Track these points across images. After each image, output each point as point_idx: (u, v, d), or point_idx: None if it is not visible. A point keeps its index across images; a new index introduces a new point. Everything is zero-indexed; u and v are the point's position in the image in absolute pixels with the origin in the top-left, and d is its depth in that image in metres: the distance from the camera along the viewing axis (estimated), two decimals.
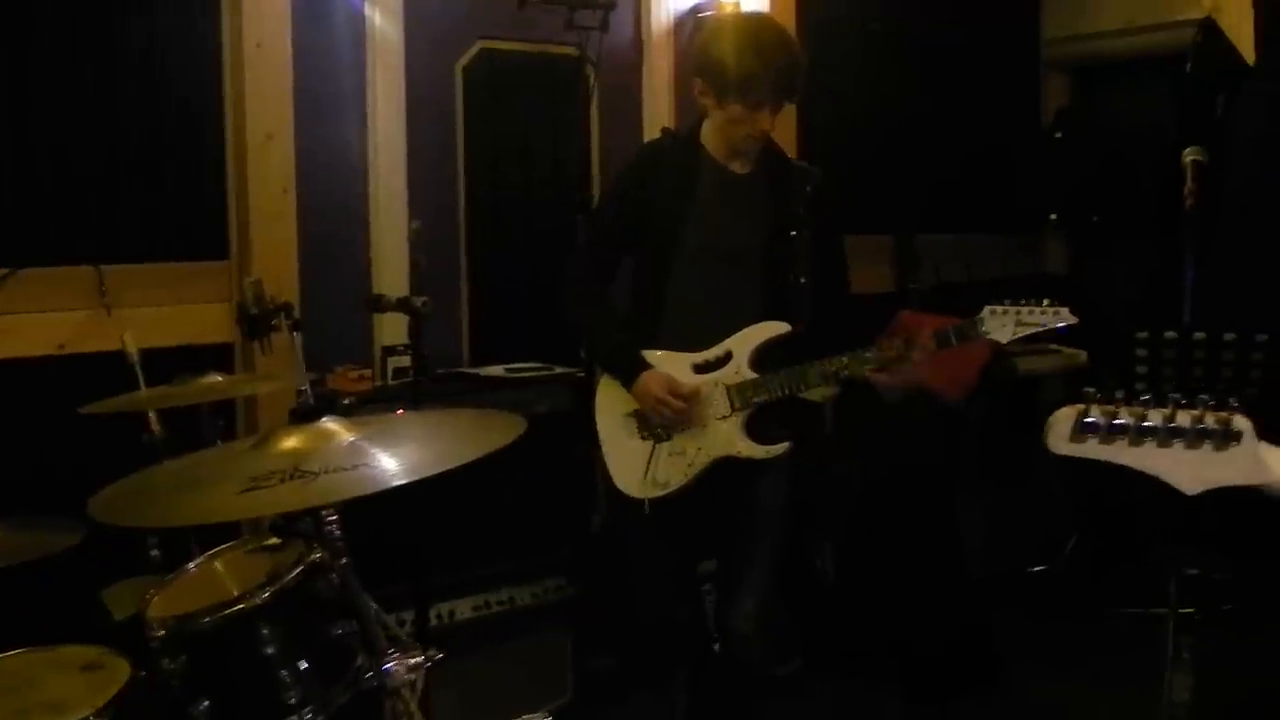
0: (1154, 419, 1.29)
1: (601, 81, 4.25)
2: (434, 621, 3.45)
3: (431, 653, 2.08)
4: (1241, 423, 1.28)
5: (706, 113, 3.05)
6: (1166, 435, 1.28)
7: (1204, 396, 1.29)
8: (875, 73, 5.41)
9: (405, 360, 3.71)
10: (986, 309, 2.83)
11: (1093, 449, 1.30)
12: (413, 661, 2.02)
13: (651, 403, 2.97)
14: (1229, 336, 2.42)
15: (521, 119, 4.43)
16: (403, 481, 1.88)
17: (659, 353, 3.04)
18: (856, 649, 4.22)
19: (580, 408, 3.79)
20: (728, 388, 2.98)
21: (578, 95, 4.23)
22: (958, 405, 4.57)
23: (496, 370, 3.98)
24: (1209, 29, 4.41)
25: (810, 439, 3.19)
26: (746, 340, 2.99)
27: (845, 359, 2.90)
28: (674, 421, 2.99)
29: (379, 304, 3.34)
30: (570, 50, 4.11)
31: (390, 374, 3.81)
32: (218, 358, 3.52)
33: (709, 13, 4.71)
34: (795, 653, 4.22)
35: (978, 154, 5.76)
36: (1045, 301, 2.87)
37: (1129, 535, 4.88)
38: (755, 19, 3.18)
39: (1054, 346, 5.17)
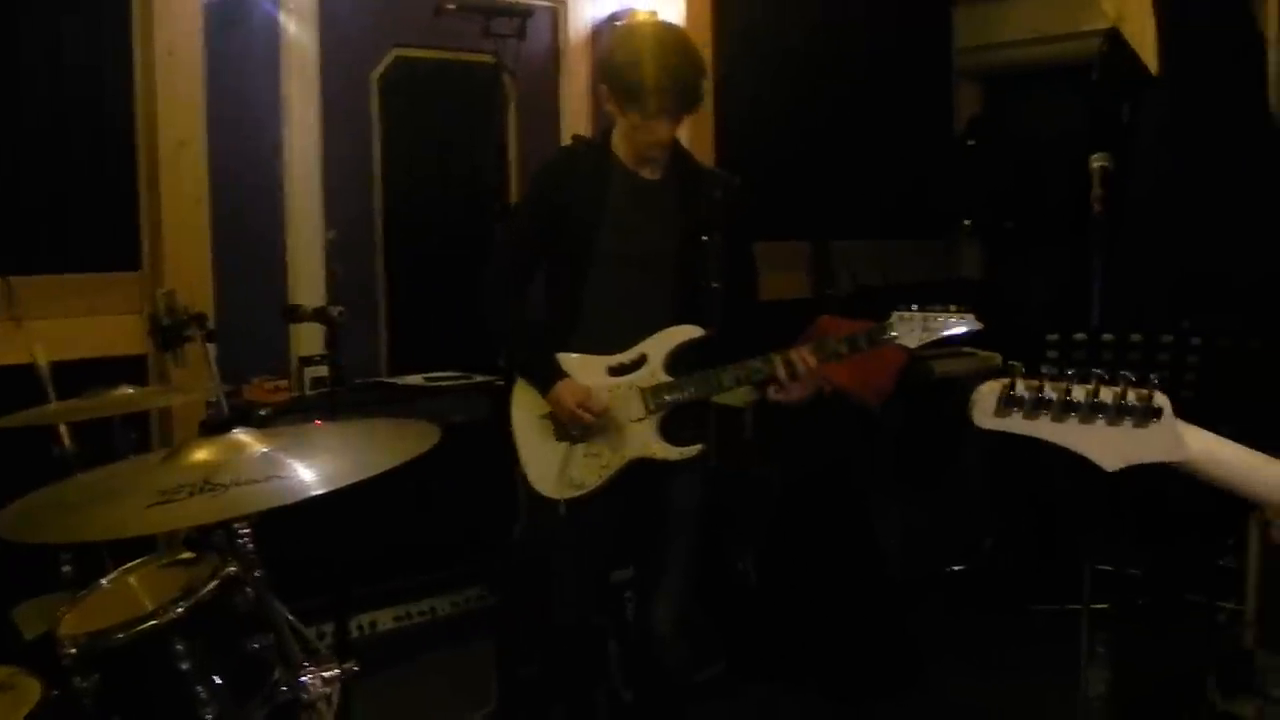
0: (1078, 394, 1.29)
1: (519, 89, 4.25)
2: (355, 633, 3.42)
3: (348, 665, 2.06)
4: (1161, 399, 1.30)
5: (614, 122, 3.08)
6: (1089, 411, 1.29)
7: (1125, 373, 1.30)
8: (791, 80, 5.46)
9: (323, 370, 3.67)
10: (895, 314, 2.87)
11: (1016, 423, 1.30)
12: (328, 675, 2.00)
13: (566, 414, 2.99)
14: (1135, 337, 2.48)
15: (438, 127, 4.42)
16: (314, 493, 1.86)
17: (574, 356, 3.05)
18: (779, 652, 4.25)
19: (500, 416, 3.79)
20: (642, 390, 3.00)
21: (495, 103, 4.21)
22: (875, 409, 4.63)
23: (415, 379, 3.96)
24: (1114, 39, 4.50)
25: (726, 442, 3.22)
26: (660, 344, 3.02)
27: (759, 362, 2.93)
28: (590, 428, 3.01)
29: (295, 314, 3.30)
30: (487, 58, 4.09)
31: (308, 384, 3.77)
32: (130, 370, 3.46)
33: (624, 21, 4.72)
34: (717, 657, 4.23)
35: (893, 161, 5.84)
36: (951, 306, 2.91)
37: (1045, 533, 4.96)
38: (659, 28, 3.18)
39: (968, 350, 5.24)
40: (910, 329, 2.86)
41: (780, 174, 5.17)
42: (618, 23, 4.69)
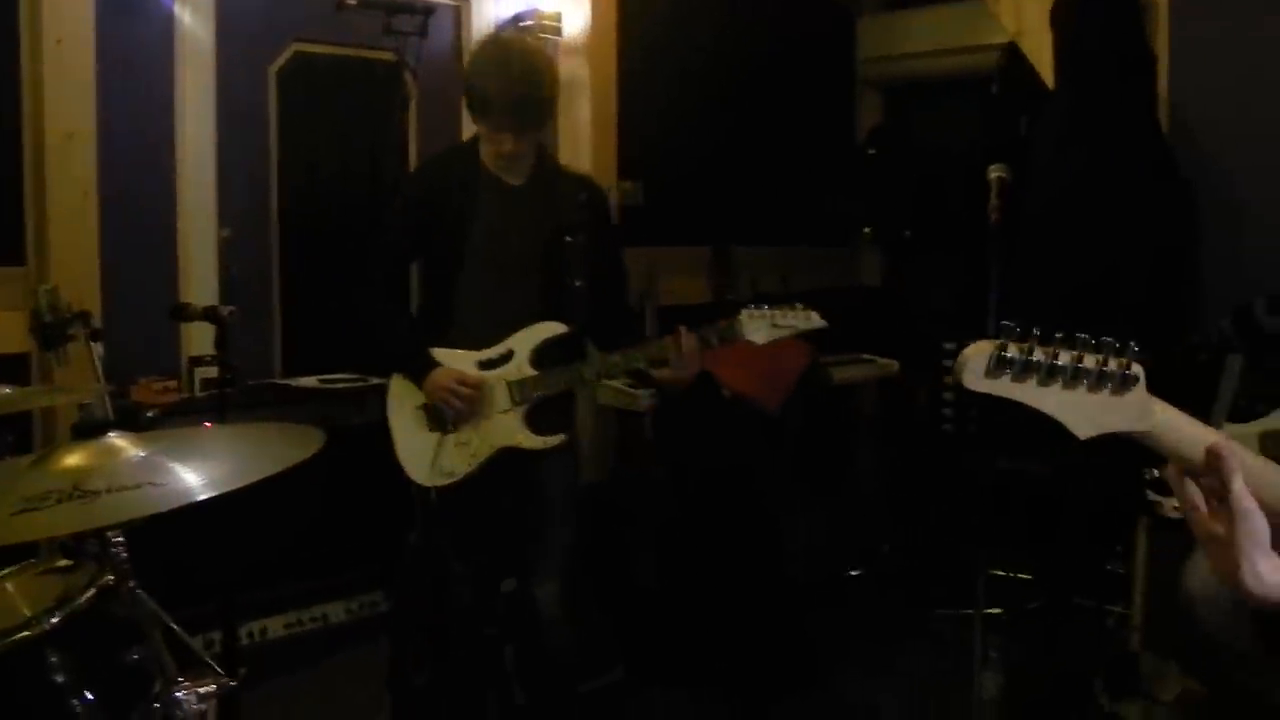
0: (1064, 359, 1.28)
1: (420, 88, 4.20)
2: (244, 641, 3.37)
3: (223, 680, 2.00)
4: (1138, 368, 1.30)
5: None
6: (1073, 376, 1.29)
7: (1109, 339, 1.30)
8: (695, 87, 5.48)
9: (214, 371, 3.59)
10: (744, 312, 3.00)
11: (1004, 386, 1.29)
12: (203, 690, 1.94)
13: (442, 394, 3.11)
14: None
15: (338, 124, 4.35)
16: (194, 500, 1.80)
17: (445, 351, 3.19)
18: (678, 655, 4.25)
19: None
20: (508, 383, 3.15)
21: (396, 101, 4.17)
22: (775, 413, 4.65)
23: (310, 381, 3.89)
24: (1012, 53, 4.57)
25: (626, 444, 3.29)
26: (526, 339, 3.17)
27: (617, 357, 3.10)
28: (462, 412, 3.13)
29: (183, 313, 3.24)
30: (388, 55, 4.04)
31: (198, 386, 3.69)
32: (13, 369, 3.36)
33: (529, 22, 4.70)
34: (616, 661, 4.22)
35: (795, 168, 5.88)
36: (797, 305, 3.06)
37: (940, 539, 5.03)
38: (510, 44, 3.22)
39: (867, 356, 5.31)
40: (758, 326, 3.00)
41: (682, 179, 5.19)
42: (523, 24, 4.67)
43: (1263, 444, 3.21)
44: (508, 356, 3.17)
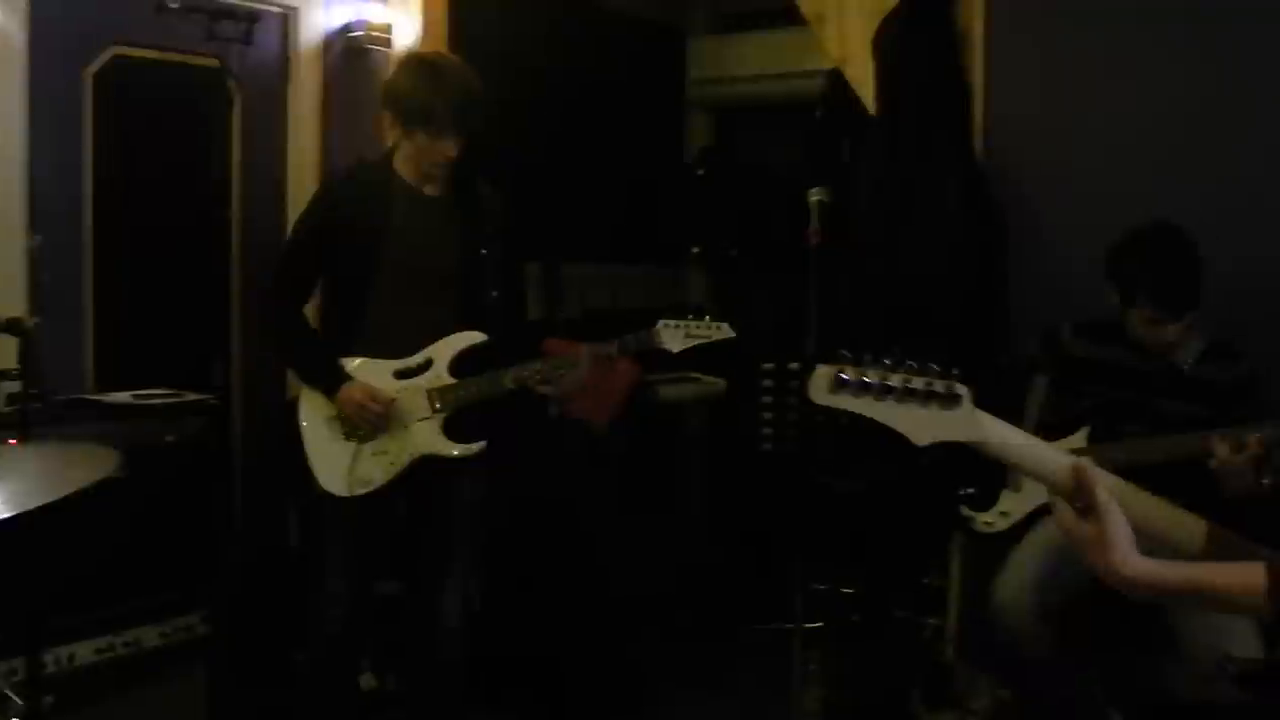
0: (894, 380, 1.50)
1: (245, 96, 4.10)
2: (50, 668, 3.21)
3: (25, 709, 1.91)
4: (961, 388, 1.53)
5: (397, 144, 3.28)
6: (904, 394, 1.50)
7: (933, 365, 1.52)
8: (525, 103, 5.46)
9: (17, 386, 3.43)
10: (661, 322, 3.14)
11: (846, 400, 1.51)
12: None
13: (354, 409, 3.17)
14: None
15: (158, 130, 4.21)
16: None
17: (358, 361, 3.23)
18: (503, 678, 4.22)
19: (215, 436, 3.65)
20: (428, 391, 3.21)
21: (219, 109, 4.08)
22: (602, 432, 4.66)
23: (123, 397, 3.74)
24: (836, 79, 4.69)
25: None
26: (446, 348, 3.23)
27: (539, 365, 3.17)
28: (377, 423, 3.18)
29: None
30: (212, 61, 3.95)
31: (3, 400, 3.51)
32: None
33: (359, 32, 4.65)
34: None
35: (624, 187, 5.93)
36: (707, 318, 3.22)
37: (763, 555, 5.10)
38: (435, 57, 3.43)
39: (694, 375, 5.37)
40: (674, 335, 3.16)
41: (512, 196, 5.16)
42: (352, 35, 4.62)
43: None
44: (426, 365, 3.23)
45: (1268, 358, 3.29)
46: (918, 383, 1.51)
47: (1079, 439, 3.35)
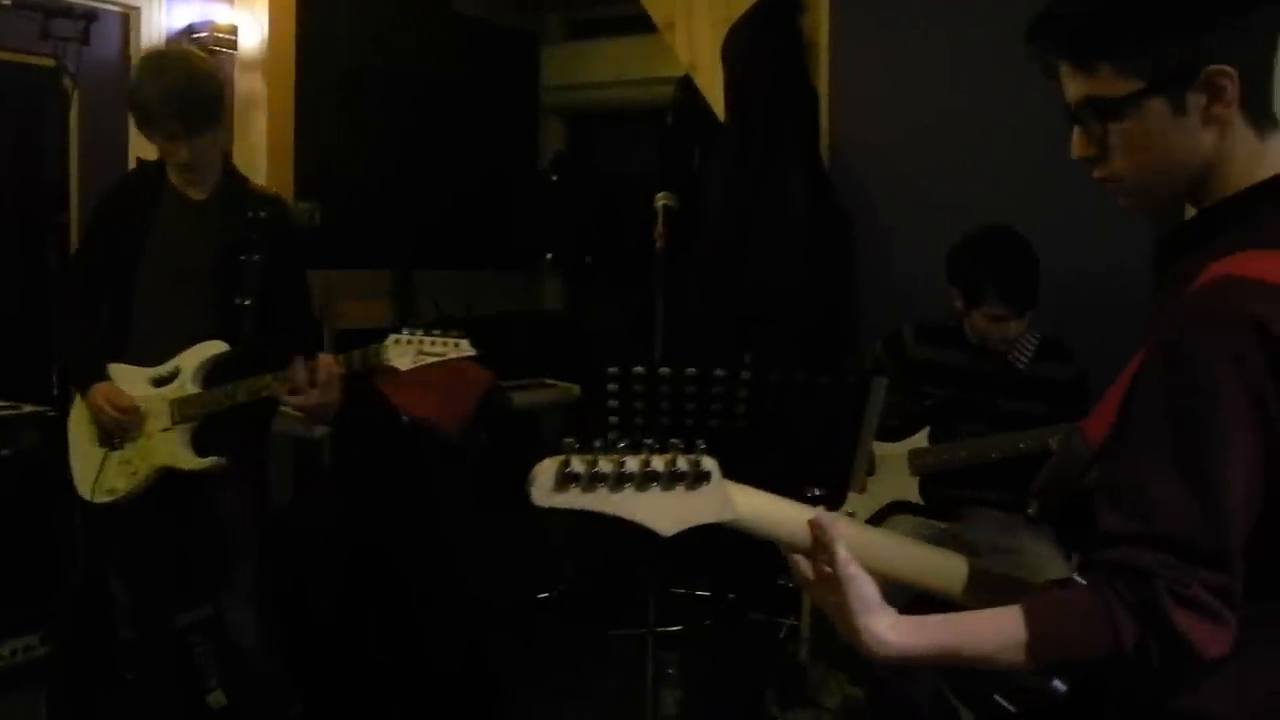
0: (632, 464, 1.34)
1: (83, 97, 3.97)
2: None
3: None
4: (709, 463, 1.37)
5: None
6: (644, 480, 1.34)
7: (675, 441, 1.36)
8: (377, 108, 5.41)
9: None
10: (391, 337, 2.95)
11: (576, 498, 1.34)
12: None
13: (96, 410, 3.13)
14: (691, 371, 2.59)
15: None
16: None
17: (123, 367, 3.17)
18: (360, 690, 4.15)
19: (53, 449, 3.53)
20: (170, 401, 3.12)
21: (55, 110, 3.94)
22: (455, 438, 4.63)
23: None
24: (687, 86, 4.73)
25: (303, 473, 3.27)
26: (191, 358, 3.14)
27: (269, 378, 3.02)
28: (118, 429, 3.13)
29: None
30: (48, 61, 3.81)
31: None
32: None
33: (203, 34, 4.54)
34: (294, 700, 4.09)
35: (478, 192, 5.89)
36: (452, 332, 3.03)
37: (622, 559, 5.11)
38: (169, 52, 3.39)
39: (550, 381, 5.36)
40: (403, 352, 2.93)
41: (363, 201, 5.11)
42: (196, 35, 4.51)
43: (910, 461, 3.44)
44: (174, 374, 3.14)
45: (1095, 357, 3.40)
46: (659, 463, 1.35)
47: (920, 439, 3.44)
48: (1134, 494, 1.31)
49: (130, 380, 3.15)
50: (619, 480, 1.33)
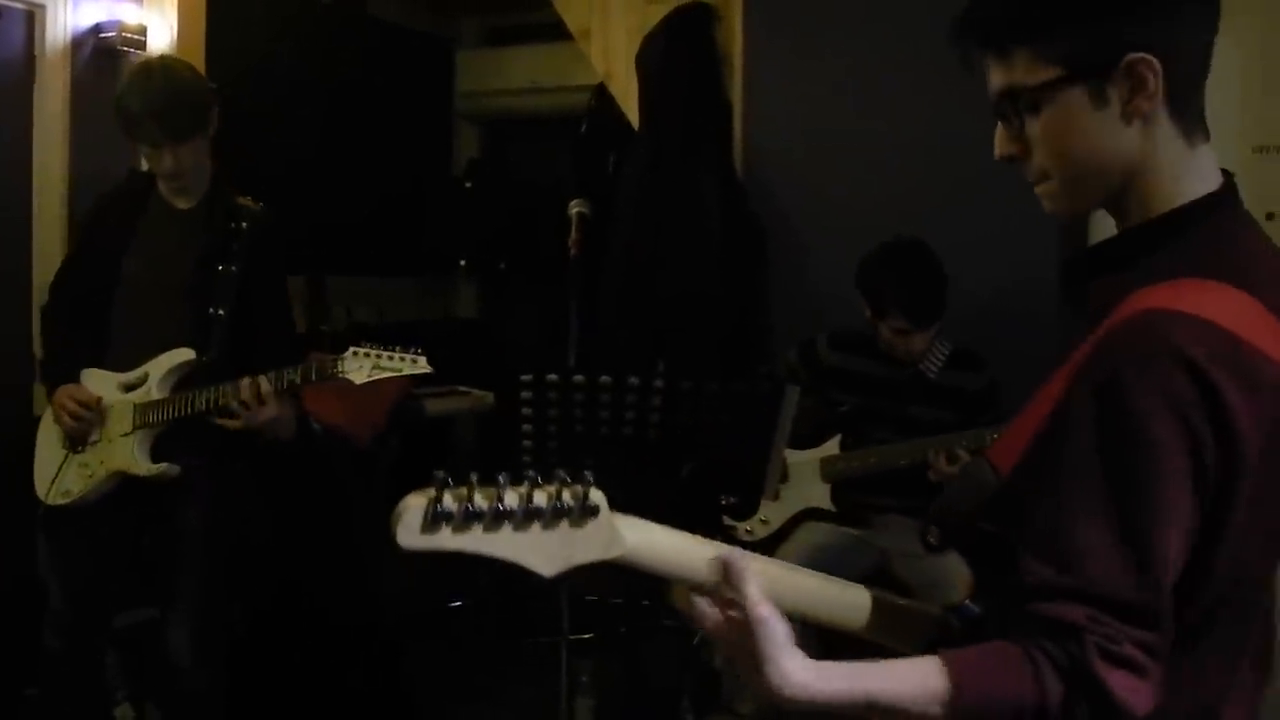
0: (511, 499, 1.19)
1: None
2: None
3: None
4: (597, 496, 1.23)
5: None
6: (524, 517, 1.20)
7: (560, 472, 1.22)
8: (288, 112, 5.34)
9: None
10: (350, 350, 2.92)
11: (447, 539, 1.18)
12: None
13: (56, 409, 3.13)
14: (605, 379, 2.60)
15: None
16: None
17: (97, 371, 3.17)
18: (272, 702, 4.09)
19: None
20: (134, 406, 3.11)
21: None
22: (366, 446, 4.59)
23: None
24: (603, 93, 4.74)
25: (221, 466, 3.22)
26: (160, 365, 3.12)
27: (225, 389, 3.00)
28: (77, 429, 3.11)
29: None
30: None
31: None
32: None
33: (111, 34, 4.45)
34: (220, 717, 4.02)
35: (391, 198, 5.85)
36: (412, 349, 2.98)
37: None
38: (155, 60, 3.35)
39: (463, 389, 5.33)
40: (360, 365, 2.91)
41: (274, 206, 5.03)
42: (104, 35, 4.42)
43: (822, 468, 3.47)
44: (143, 380, 3.14)
45: (1005, 366, 3.46)
46: (541, 498, 1.21)
47: (832, 446, 3.47)
48: (1064, 544, 1.24)
49: (101, 384, 3.16)
50: (496, 518, 1.19)
